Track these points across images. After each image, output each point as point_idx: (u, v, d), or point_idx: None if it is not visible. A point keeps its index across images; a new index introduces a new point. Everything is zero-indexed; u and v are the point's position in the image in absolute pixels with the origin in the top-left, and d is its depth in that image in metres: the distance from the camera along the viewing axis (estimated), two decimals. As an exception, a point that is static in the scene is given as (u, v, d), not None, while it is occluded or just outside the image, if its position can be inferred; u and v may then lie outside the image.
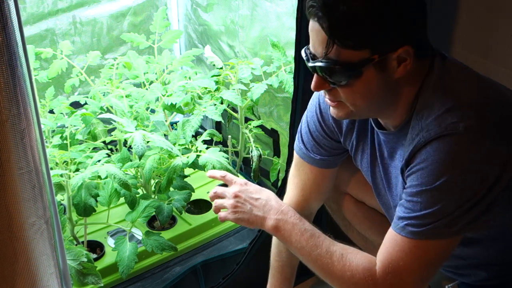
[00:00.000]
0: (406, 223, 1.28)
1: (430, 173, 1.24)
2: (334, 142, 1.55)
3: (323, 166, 1.60)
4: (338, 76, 1.26)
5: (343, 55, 1.23)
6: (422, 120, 1.28)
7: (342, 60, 1.23)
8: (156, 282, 1.96)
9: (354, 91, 1.28)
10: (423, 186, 1.25)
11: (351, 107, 1.31)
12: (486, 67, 1.99)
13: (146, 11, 2.47)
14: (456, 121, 1.23)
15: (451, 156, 1.22)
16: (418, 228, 1.27)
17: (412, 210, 1.27)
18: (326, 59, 1.24)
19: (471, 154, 1.22)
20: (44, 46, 2.17)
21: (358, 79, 1.25)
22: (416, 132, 1.28)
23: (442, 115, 1.25)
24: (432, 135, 1.24)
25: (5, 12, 1.01)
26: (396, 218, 1.31)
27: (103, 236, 2.06)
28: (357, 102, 1.30)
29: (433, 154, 1.24)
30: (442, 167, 1.23)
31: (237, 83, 2.08)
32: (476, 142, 1.22)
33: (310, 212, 1.71)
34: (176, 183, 2.04)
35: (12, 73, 1.05)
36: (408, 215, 1.28)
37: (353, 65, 1.23)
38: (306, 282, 2.13)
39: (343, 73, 1.25)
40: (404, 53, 1.24)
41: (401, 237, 1.29)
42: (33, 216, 1.18)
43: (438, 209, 1.24)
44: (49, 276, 1.27)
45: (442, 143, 1.23)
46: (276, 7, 2.04)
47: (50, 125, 1.95)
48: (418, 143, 1.27)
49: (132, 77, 2.14)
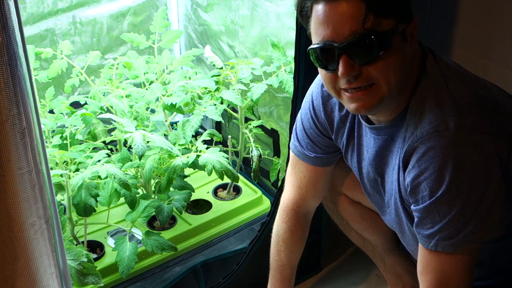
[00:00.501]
0: (437, 238, 1.27)
1: (435, 181, 1.24)
2: (328, 139, 1.55)
3: (318, 164, 1.60)
4: (373, 49, 1.22)
5: (375, 25, 1.21)
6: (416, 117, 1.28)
7: (375, 29, 1.21)
8: (156, 282, 1.96)
9: (389, 64, 1.25)
10: (432, 196, 1.25)
11: (384, 87, 1.26)
12: (486, 67, 2.00)
13: (146, 11, 2.46)
14: (447, 118, 1.24)
15: (450, 159, 1.22)
16: (451, 239, 1.26)
17: (433, 223, 1.27)
18: (360, 33, 1.21)
19: (468, 151, 1.23)
20: (44, 46, 2.17)
21: (390, 50, 1.23)
22: (411, 130, 1.28)
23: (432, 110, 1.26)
24: (425, 134, 1.25)
25: (5, 12, 1.01)
26: (424, 238, 1.30)
27: (103, 236, 2.06)
28: (391, 78, 1.26)
29: (432, 162, 1.24)
30: (444, 172, 1.23)
31: (237, 83, 2.08)
32: (470, 139, 1.23)
33: (308, 211, 1.71)
34: (176, 183, 2.04)
35: (12, 73, 1.05)
36: (434, 230, 1.27)
37: (385, 34, 1.22)
38: (306, 282, 2.14)
39: (378, 44, 1.22)
40: (414, 26, 1.27)
41: (438, 254, 1.29)
42: (33, 216, 1.18)
43: (458, 213, 1.24)
44: (49, 276, 1.27)
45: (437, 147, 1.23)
46: (276, 7, 2.04)
47: (50, 125, 1.95)
48: (412, 141, 1.27)
49: (132, 77, 2.14)
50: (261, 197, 2.25)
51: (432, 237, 1.28)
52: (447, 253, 1.28)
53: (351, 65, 1.24)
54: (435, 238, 1.28)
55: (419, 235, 1.32)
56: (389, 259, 1.85)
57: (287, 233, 1.70)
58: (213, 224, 2.14)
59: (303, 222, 1.71)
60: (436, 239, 1.28)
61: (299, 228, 1.71)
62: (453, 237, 1.26)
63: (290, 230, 1.70)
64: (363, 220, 1.76)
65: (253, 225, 2.17)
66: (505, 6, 1.94)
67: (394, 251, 1.83)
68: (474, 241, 1.26)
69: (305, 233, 1.74)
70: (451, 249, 1.27)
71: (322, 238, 2.10)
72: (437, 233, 1.27)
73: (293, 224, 1.69)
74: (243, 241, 2.09)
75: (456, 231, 1.25)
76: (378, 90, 1.27)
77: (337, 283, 2.13)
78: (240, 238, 2.12)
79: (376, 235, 1.78)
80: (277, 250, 1.73)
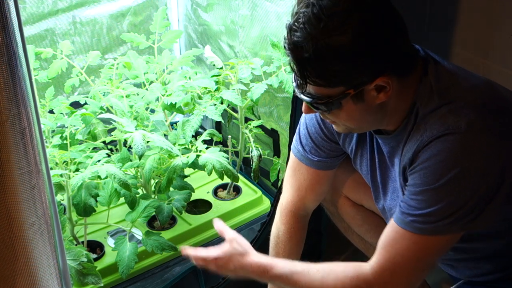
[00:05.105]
0: (412, 219, 1.28)
1: (433, 172, 1.25)
2: (334, 144, 1.55)
3: (320, 167, 1.60)
4: (320, 107, 1.29)
5: (319, 91, 1.26)
6: (424, 122, 1.29)
7: (319, 95, 1.26)
8: (156, 282, 1.96)
9: (340, 118, 1.32)
10: (426, 186, 1.26)
11: (346, 127, 1.36)
12: (486, 67, 2.00)
13: (146, 11, 2.46)
14: (458, 120, 1.24)
15: (453, 156, 1.23)
16: (424, 224, 1.27)
17: (416, 208, 1.28)
18: (305, 94, 1.28)
19: (473, 153, 1.23)
20: (44, 46, 2.17)
21: (340, 109, 1.28)
22: (420, 133, 1.29)
23: (444, 115, 1.26)
24: (435, 134, 1.25)
25: (5, 12, 1.01)
26: (399, 213, 1.31)
27: (103, 236, 2.06)
28: (347, 124, 1.34)
29: (436, 154, 1.25)
30: (444, 167, 1.24)
31: (237, 83, 2.08)
32: (477, 140, 1.24)
33: (306, 213, 1.71)
34: (176, 183, 2.04)
35: (12, 73, 1.05)
36: (413, 212, 1.28)
37: (330, 98, 1.26)
38: (306, 282, 2.13)
39: (323, 105, 1.28)
40: (381, 82, 1.24)
41: (405, 231, 1.29)
42: (33, 216, 1.18)
43: (442, 207, 1.25)
44: (49, 276, 1.27)
45: (444, 142, 1.24)
46: (276, 7, 2.04)
47: (50, 125, 1.95)
48: (422, 142, 1.28)
49: (132, 77, 2.14)
50: (261, 197, 2.25)
51: (408, 217, 1.29)
52: (413, 233, 1.28)
53: (309, 108, 1.33)
54: (410, 219, 1.28)
55: (397, 208, 1.32)
56: (390, 261, 1.84)
57: (285, 235, 1.70)
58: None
59: (301, 224, 1.71)
60: (411, 220, 1.28)
61: (297, 230, 1.71)
62: (428, 223, 1.26)
63: (288, 231, 1.70)
64: (364, 223, 1.76)
65: (253, 225, 2.17)
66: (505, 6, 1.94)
67: (394, 252, 1.83)
68: (443, 231, 1.27)
69: (304, 235, 1.74)
70: (419, 231, 1.27)
71: (322, 238, 2.09)
72: (415, 216, 1.28)
73: (291, 226, 1.69)
74: (243, 241, 2.09)
75: (433, 221, 1.26)
76: (340, 126, 1.37)
77: (337, 283, 2.13)
78: (240, 238, 2.12)
79: (378, 238, 1.78)
80: (276, 253, 1.72)
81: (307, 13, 1.20)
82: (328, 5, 1.19)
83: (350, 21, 1.18)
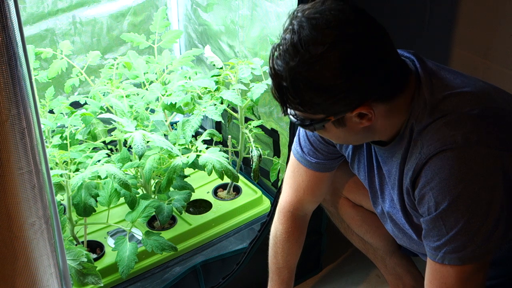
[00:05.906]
0: (444, 251, 1.27)
1: (441, 191, 1.24)
2: (331, 147, 1.55)
3: (319, 169, 1.60)
4: (305, 127, 1.30)
5: (300, 114, 1.26)
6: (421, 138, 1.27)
7: (302, 117, 1.26)
8: (156, 282, 1.96)
9: (327, 136, 1.34)
10: (438, 207, 1.25)
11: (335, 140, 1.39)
12: (486, 67, 2.00)
13: (146, 11, 2.46)
14: (454, 133, 1.23)
15: (456, 171, 1.22)
16: (458, 252, 1.25)
17: (440, 236, 1.26)
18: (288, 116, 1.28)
19: (474, 165, 1.22)
20: (44, 46, 2.17)
21: (323, 130, 1.29)
22: (418, 150, 1.27)
23: (440, 129, 1.25)
24: (433, 151, 1.24)
25: (5, 12, 1.01)
26: (431, 250, 1.30)
27: (103, 236, 2.06)
28: (337, 141, 1.37)
29: (437, 172, 1.23)
30: (450, 184, 1.22)
31: (237, 83, 2.08)
32: (476, 152, 1.22)
33: (305, 213, 1.71)
34: (176, 183, 2.04)
35: (12, 73, 1.05)
36: (441, 242, 1.27)
37: (312, 121, 1.26)
38: (306, 282, 2.14)
39: (307, 127, 1.28)
40: (363, 111, 1.22)
41: (445, 266, 1.28)
42: (33, 216, 1.18)
43: (464, 226, 1.23)
44: (49, 276, 1.27)
45: (444, 159, 1.23)
46: (276, 7, 2.04)
47: (50, 125, 1.94)
48: (420, 160, 1.27)
49: (132, 77, 2.14)
50: (261, 197, 2.25)
51: (439, 250, 1.28)
52: (453, 266, 1.27)
53: None
54: (442, 251, 1.27)
55: (427, 247, 1.32)
56: (390, 260, 1.84)
57: (284, 235, 1.70)
58: (213, 224, 2.14)
59: (300, 224, 1.71)
60: (443, 252, 1.27)
61: (296, 230, 1.71)
62: (461, 250, 1.25)
63: (287, 232, 1.70)
64: (364, 224, 1.76)
65: (253, 225, 2.17)
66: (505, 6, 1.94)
67: (395, 253, 1.83)
68: (481, 255, 1.26)
69: (302, 235, 1.74)
70: (459, 262, 1.26)
71: (322, 238, 2.10)
72: (444, 245, 1.27)
73: (289, 226, 1.69)
74: (243, 241, 2.09)
75: (463, 245, 1.25)
76: None
77: (337, 283, 2.13)
78: (240, 238, 2.12)
79: (377, 238, 1.78)
80: (274, 253, 1.73)
81: (288, 41, 1.17)
82: (308, 36, 1.15)
83: (328, 55, 1.14)
